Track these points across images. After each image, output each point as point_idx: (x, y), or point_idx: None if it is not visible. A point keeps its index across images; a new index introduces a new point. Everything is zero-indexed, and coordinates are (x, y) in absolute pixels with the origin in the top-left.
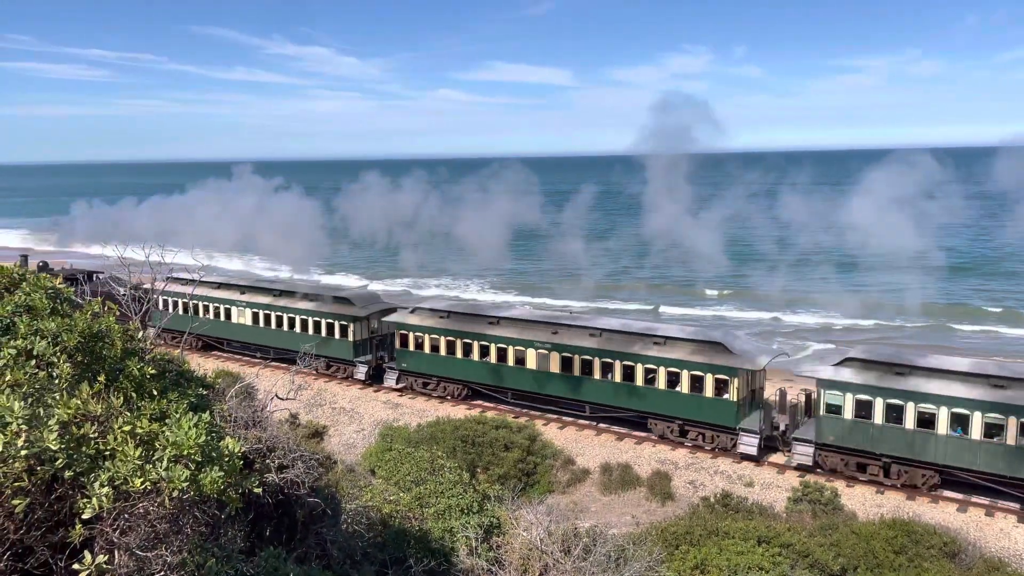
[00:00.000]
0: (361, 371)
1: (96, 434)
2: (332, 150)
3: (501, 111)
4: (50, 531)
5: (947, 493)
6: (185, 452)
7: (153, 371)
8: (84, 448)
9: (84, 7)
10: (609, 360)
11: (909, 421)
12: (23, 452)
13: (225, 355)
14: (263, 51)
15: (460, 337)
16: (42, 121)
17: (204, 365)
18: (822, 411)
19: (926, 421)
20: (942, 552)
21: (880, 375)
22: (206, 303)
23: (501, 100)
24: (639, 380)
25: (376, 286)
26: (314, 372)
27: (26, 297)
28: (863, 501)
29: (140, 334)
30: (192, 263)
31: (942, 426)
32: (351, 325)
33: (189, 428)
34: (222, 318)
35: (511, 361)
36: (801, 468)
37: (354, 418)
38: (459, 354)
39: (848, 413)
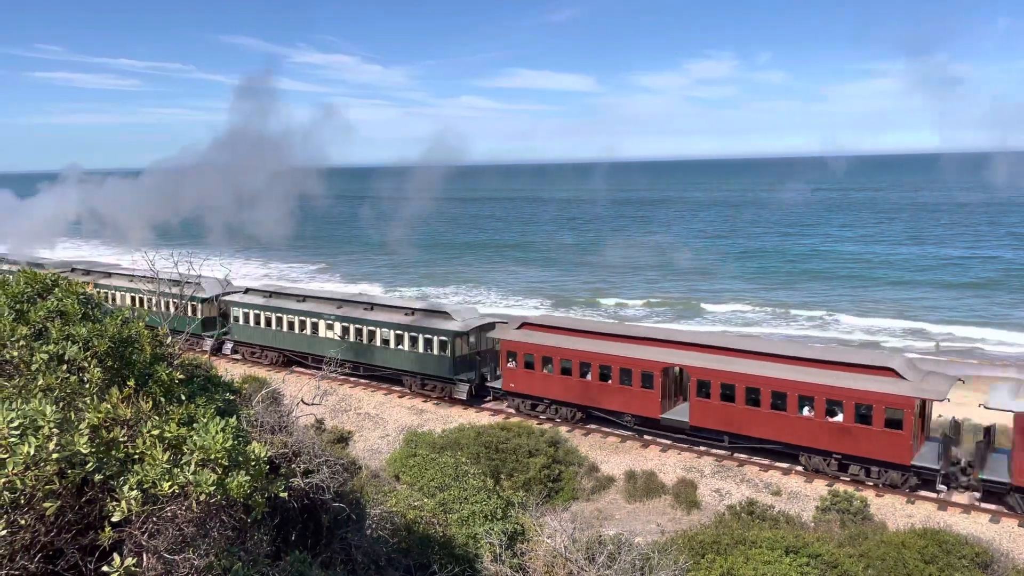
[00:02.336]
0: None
1: (125, 438)
2: (357, 157)
3: (525, 118)
4: (80, 533)
5: (981, 504)
6: (212, 456)
7: (181, 376)
8: (114, 452)
9: (113, 18)
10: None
11: None
12: (54, 456)
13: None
14: (288, 60)
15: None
16: (73, 130)
17: (231, 371)
18: None
19: None
20: (974, 563)
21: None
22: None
23: (525, 107)
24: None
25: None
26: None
27: (58, 303)
28: (893, 511)
29: (168, 339)
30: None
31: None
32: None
33: (216, 433)
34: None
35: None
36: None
37: (379, 424)
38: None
39: None
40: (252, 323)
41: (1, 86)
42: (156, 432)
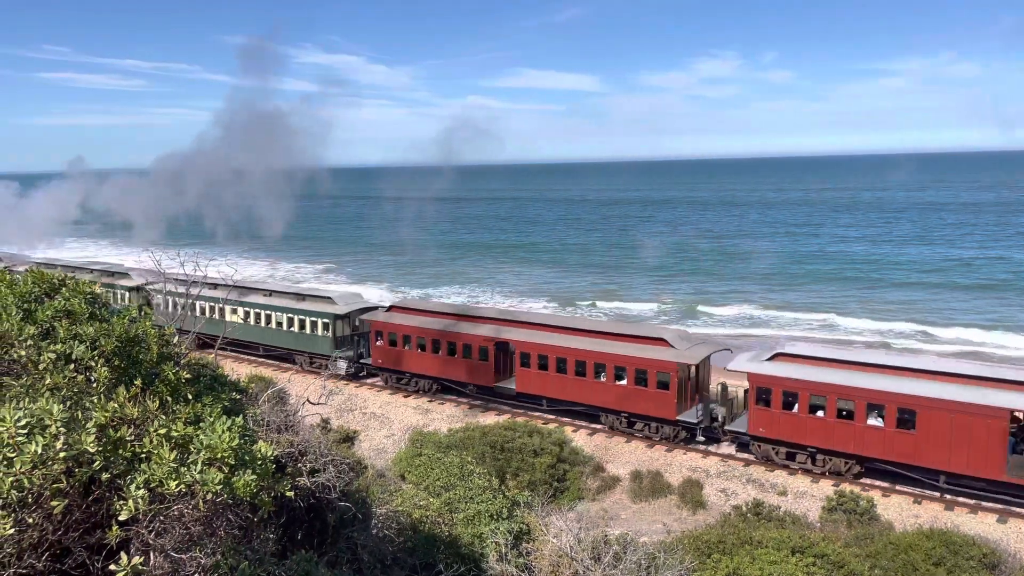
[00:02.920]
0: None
1: (132, 437)
2: (362, 157)
3: (530, 118)
4: (87, 532)
5: (986, 504)
6: (219, 455)
7: (188, 375)
8: (121, 451)
9: (118, 19)
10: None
11: None
12: (62, 454)
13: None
14: (294, 60)
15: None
16: (80, 130)
17: (237, 370)
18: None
19: None
20: (982, 563)
21: None
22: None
23: (530, 107)
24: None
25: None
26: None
27: (65, 302)
28: (900, 511)
29: (175, 339)
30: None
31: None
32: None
33: (223, 432)
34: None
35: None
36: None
37: (384, 423)
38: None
39: None
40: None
41: (8, 86)
42: (163, 431)
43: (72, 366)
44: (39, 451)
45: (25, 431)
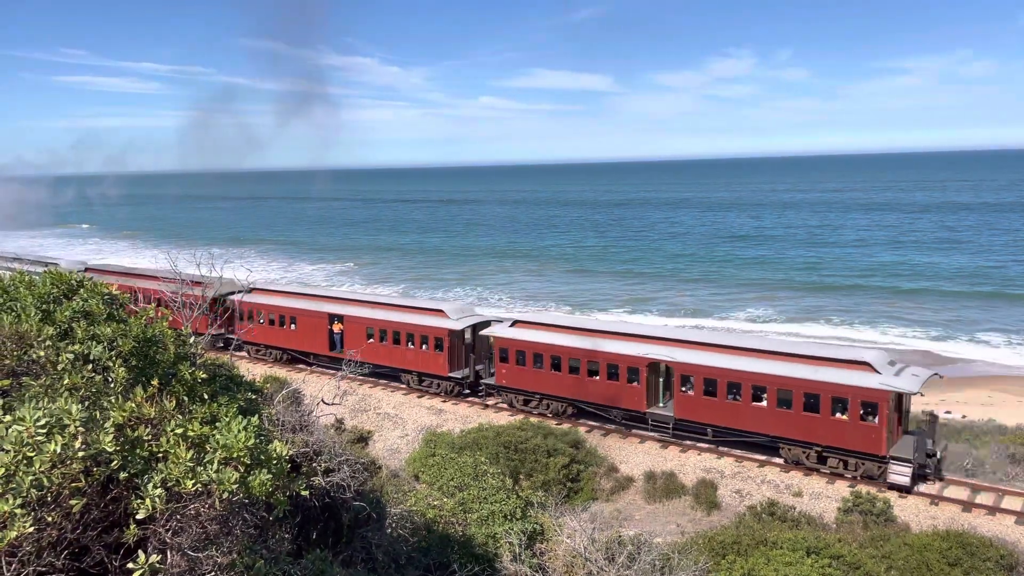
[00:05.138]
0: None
1: (149, 436)
2: (378, 159)
3: (544, 118)
4: (105, 531)
5: (1005, 504)
6: (235, 455)
7: (204, 375)
8: (138, 450)
9: (136, 22)
10: None
11: None
12: (80, 454)
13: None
14: (308, 63)
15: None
16: (99, 133)
17: (252, 370)
18: None
19: None
20: (998, 565)
21: None
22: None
23: (543, 107)
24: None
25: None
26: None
27: (83, 303)
28: (916, 512)
29: (191, 339)
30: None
31: None
32: None
33: (238, 431)
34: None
35: None
36: None
37: (398, 423)
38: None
39: None
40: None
41: (28, 89)
42: (179, 431)
43: (90, 366)
44: (58, 450)
45: (44, 431)
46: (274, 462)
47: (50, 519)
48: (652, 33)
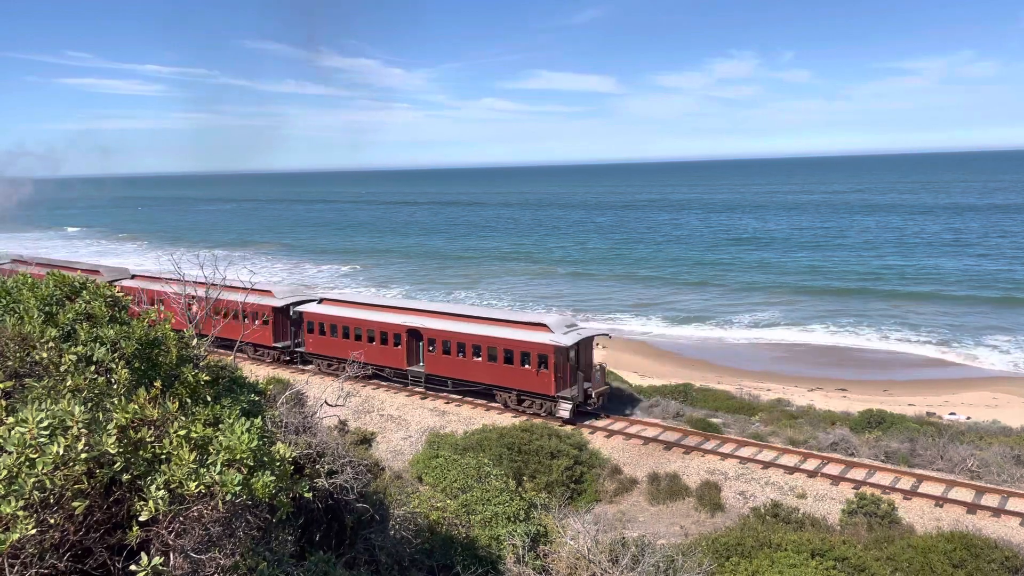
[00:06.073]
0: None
1: (152, 438)
2: (382, 161)
3: (547, 119)
4: (108, 533)
5: (1010, 506)
6: (238, 457)
7: (207, 377)
8: (141, 452)
9: (140, 24)
10: None
11: None
12: (83, 455)
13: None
14: (312, 64)
15: None
16: (105, 135)
17: (255, 372)
18: None
19: None
20: (1004, 567)
21: None
22: None
23: (547, 108)
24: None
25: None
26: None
27: (86, 305)
28: (921, 514)
29: (194, 341)
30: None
31: None
32: None
33: (241, 433)
34: None
35: None
36: None
37: (401, 425)
38: None
39: None
40: None
41: (34, 92)
42: (182, 432)
43: (93, 368)
44: (61, 452)
45: (47, 432)
46: (277, 464)
47: (53, 521)
48: (655, 34)
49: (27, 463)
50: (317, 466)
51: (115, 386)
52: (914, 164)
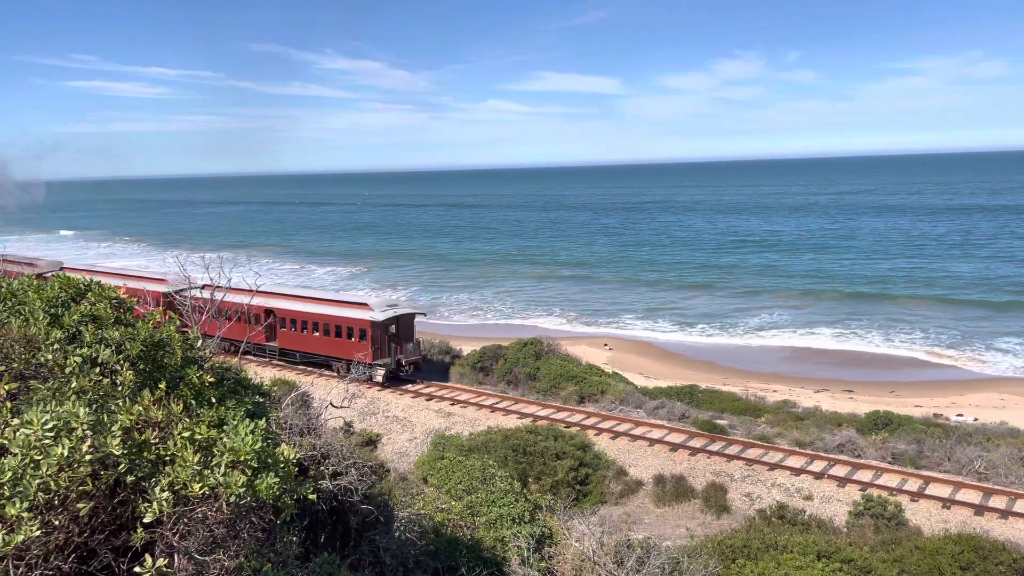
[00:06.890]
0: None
1: (157, 440)
2: (385, 163)
3: (552, 121)
4: (113, 534)
5: (1018, 508)
6: (242, 458)
7: (211, 379)
8: (145, 453)
9: (145, 27)
10: None
11: None
12: (88, 457)
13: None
14: (317, 66)
15: None
16: (110, 138)
17: (260, 374)
18: None
19: None
20: (1012, 569)
21: None
22: None
23: (552, 110)
24: None
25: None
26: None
27: (91, 307)
28: (928, 516)
29: (199, 343)
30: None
31: None
32: None
33: (246, 435)
34: None
35: None
36: None
37: (407, 427)
38: None
39: None
40: None
41: (40, 95)
42: (187, 434)
43: (98, 370)
44: (65, 454)
45: (52, 434)
46: (281, 465)
47: (57, 522)
48: (659, 35)
49: (32, 465)
50: (322, 468)
51: (120, 388)
52: (922, 164)
